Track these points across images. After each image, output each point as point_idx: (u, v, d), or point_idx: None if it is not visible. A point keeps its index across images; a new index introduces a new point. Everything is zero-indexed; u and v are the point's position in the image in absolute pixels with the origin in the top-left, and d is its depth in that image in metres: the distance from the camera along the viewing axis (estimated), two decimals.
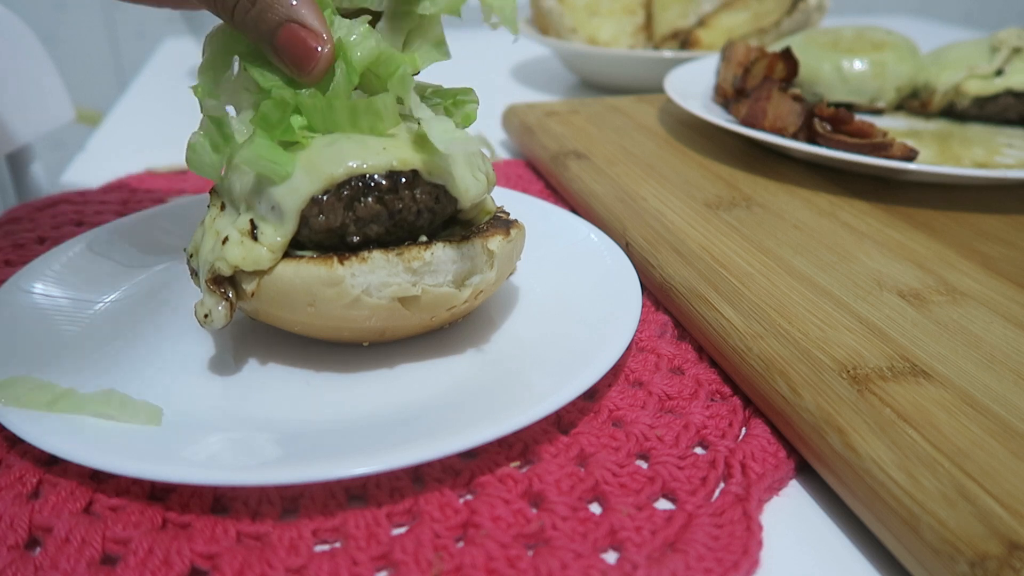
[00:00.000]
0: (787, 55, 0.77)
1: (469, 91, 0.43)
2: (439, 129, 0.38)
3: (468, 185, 0.41)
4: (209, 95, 0.41)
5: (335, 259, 0.38)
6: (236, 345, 0.44)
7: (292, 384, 0.41)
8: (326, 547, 0.32)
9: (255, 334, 0.45)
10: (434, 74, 0.43)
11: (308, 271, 0.38)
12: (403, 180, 0.38)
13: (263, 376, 0.41)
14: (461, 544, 0.32)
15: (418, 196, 0.39)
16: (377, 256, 0.38)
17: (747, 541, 0.32)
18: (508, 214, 0.46)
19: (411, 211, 0.39)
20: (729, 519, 0.33)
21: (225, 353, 0.43)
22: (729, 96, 0.78)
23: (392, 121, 0.40)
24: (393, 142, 0.39)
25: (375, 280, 0.38)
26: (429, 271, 0.39)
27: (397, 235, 0.39)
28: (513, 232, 0.43)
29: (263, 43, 0.39)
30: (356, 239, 0.38)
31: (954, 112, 0.80)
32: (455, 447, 0.33)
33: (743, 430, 0.39)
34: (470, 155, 0.42)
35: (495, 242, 0.41)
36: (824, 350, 0.40)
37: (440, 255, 0.39)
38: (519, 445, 0.37)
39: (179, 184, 0.71)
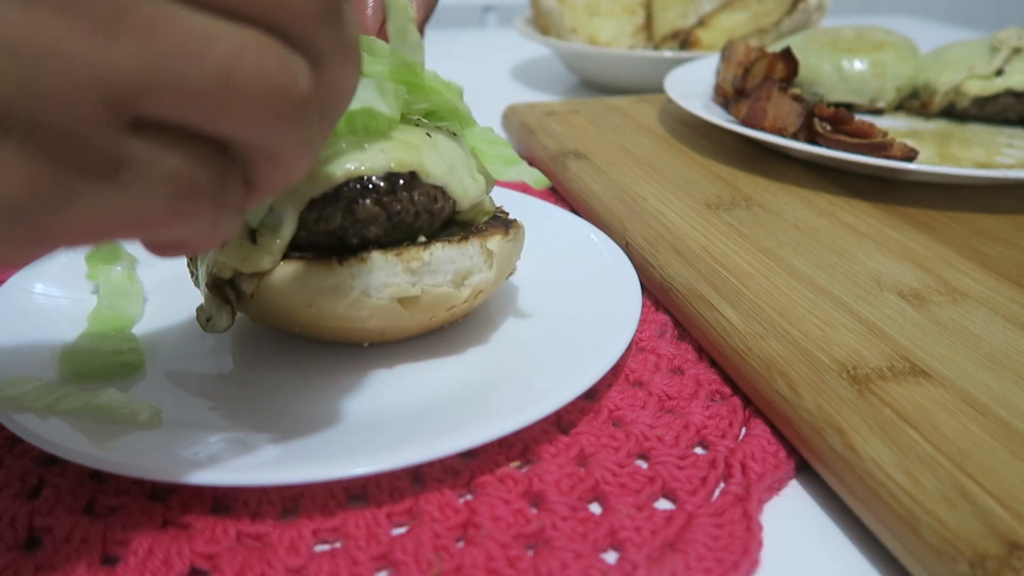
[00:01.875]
0: (787, 55, 0.77)
1: (490, 130, 0.45)
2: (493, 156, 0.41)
3: (467, 186, 0.41)
4: None
5: (334, 260, 0.38)
6: (236, 345, 0.44)
7: (292, 384, 0.41)
8: (326, 547, 0.32)
9: (255, 334, 0.45)
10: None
11: (307, 272, 0.38)
12: (401, 182, 0.38)
13: (263, 376, 0.41)
14: (461, 544, 0.32)
15: (416, 198, 0.39)
16: (376, 257, 0.38)
17: (747, 541, 0.32)
18: (507, 214, 0.46)
19: (409, 213, 0.39)
20: (729, 519, 0.33)
21: (225, 353, 0.43)
22: (729, 96, 0.78)
23: (390, 122, 0.40)
24: (391, 144, 0.39)
25: (374, 281, 0.38)
26: (428, 271, 0.39)
27: (396, 236, 0.39)
28: (512, 232, 0.43)
29: None
30: (355, 241, 0.38)
31: (954, 112, 0.80)
32: (455, 447, 0.33)
33: (743, 430, 0.39)
34: (468, 156, 0.42)
35: (494, 242, 0.41)
36: (824, 350, 0.40)
37: (439, 255, 0.39)
38: (519, 445, 0.37)
39: None
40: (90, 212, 0.22)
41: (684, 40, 1.09)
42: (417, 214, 0.39)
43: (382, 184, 0.38)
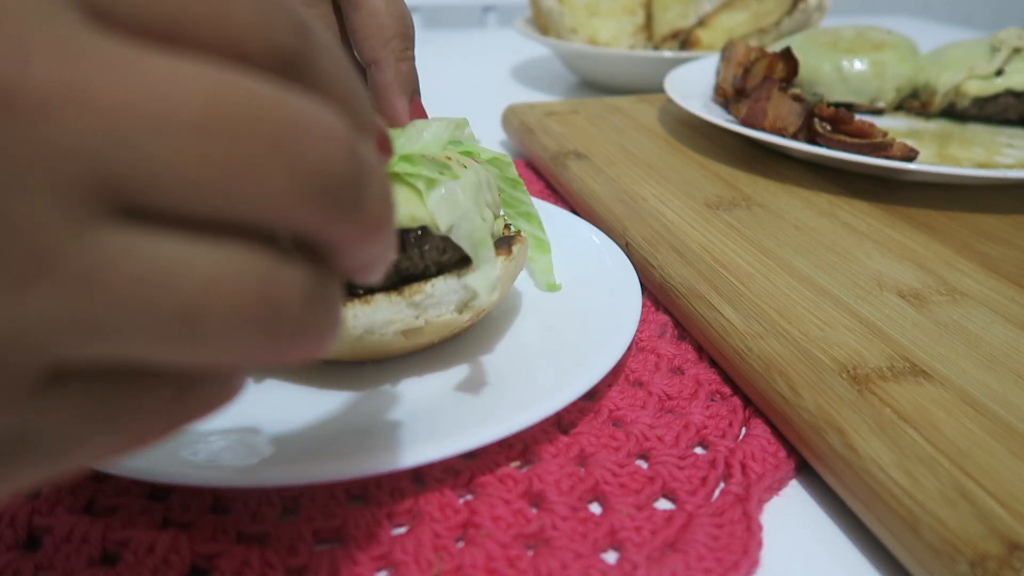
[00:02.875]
0: (787, 55, 0.77)
1: (504, 156, 0.45)
2: (481, 278, 0.39)
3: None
4: None
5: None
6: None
7: (292, 385, 0.41)
8: (326, 547, 0.32)
9: None
10: (434, 76, 0.43)
11: None
12: (412, 239, 0.38)
13: (263, 377, 0.41)
14: (461, 544, 0.32)
15: (426, 252, 0.38)
16: (379, 297, 0.38)
17: (747, 541, 0.32)
18: (510, 227, 0.46)
19: (418, 267, 0.38)
20: (729, 519, 0.33)
21: None
22: (729, 96, 0.78)
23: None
24: (405, 195, 0.38)
25: (378, 319, 0.38)
26: (432, 304, 0.39)
27: (401, 282, 0.39)
28: (515, 249, 0.43)
29: None
30: (360, 291, 0.38)
31: (954, 112, 0.80)
32: (456, 448, 0.33)
33: (743, 430, 0.39)
34: (481, 187, 0.41)
35: (497, 262, 0.41)
36: (824, 350, 0.40)
37: (442, 287, 0.39)
38: (519, 445, 0.37)
39: None
40: None
41: (684, 40, 1.09)
42: (426, 267, 0.39)
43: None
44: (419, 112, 0.43)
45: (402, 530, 0.33)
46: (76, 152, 0.15)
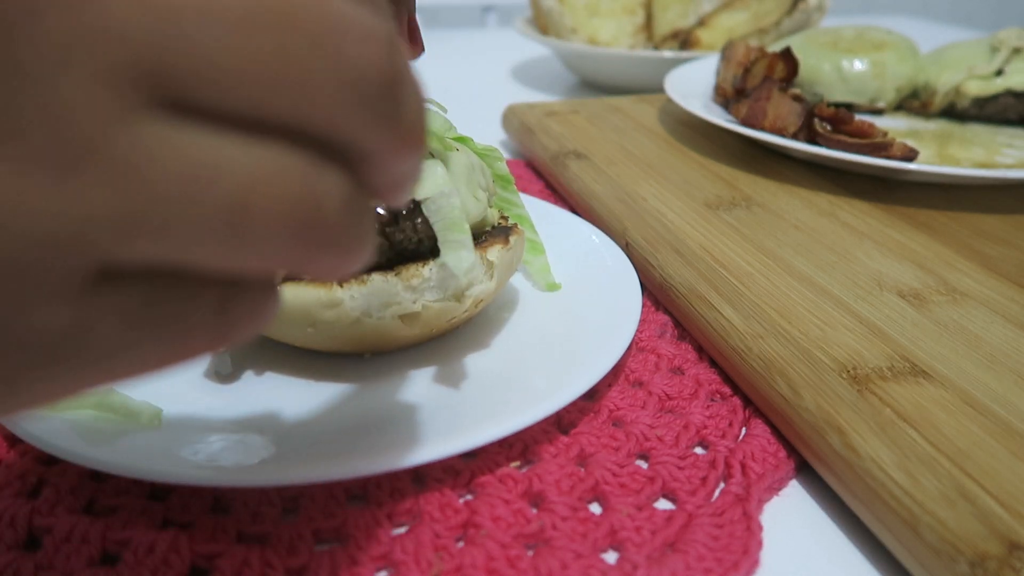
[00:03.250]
0: (787, 55, 0.77)
1: (494, 149, 0.45)
2: (454, 258, 0.38)
3: (469, 207, 0.40)
4: None
5: (334, 282, 0.38)
6: (237, 347, 0.44)
7: (292, 385, 0.41)
8: (326, 547, 0.32)
9: (256, 338, 0.45)
10: (435, 76, 0.43)
11: (307, 294, 0.38)
12: (404, 212, 0.38)
13: (263, 377, 0.41)
14: (461, 544, 0.32)
15: (419, 226, 0.39)
16: (376, 278, 0.38)
17: (747, 541, 0.32)
18: (507, 219, 0.46)
19: (412, 241, 0.39)
20: (729, 519, 0.33)
21: (225, 355, 0.43)
22: (729, 96, 0.78)
23: None
24: None
25: (375, 301, 0.38)
26: (428, 287, 0.39)
27: (397, 260, 0.39)
28: (512, 239, 0.43)
29: None
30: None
31: (954, 112, 0.80)
32: (456, 447, 0.33)
33: (743, 430, 0.39)
34: (471, 171, 0.41)
35: (494, 252, 0.41)
36: (824, 350, 0.40)
37: (438, 270, 0.39)
38: (519, 445, 0.37)
39: None
40: (36, 394, 0.17)
41: (684, 40, 1.09)
42: (420, 241, 0.39)
43: (385, 214, 0.38)
44: (415, 32, 0.41)
45: (402, 530, 0.33)
46: (123, 38, 0.15)
